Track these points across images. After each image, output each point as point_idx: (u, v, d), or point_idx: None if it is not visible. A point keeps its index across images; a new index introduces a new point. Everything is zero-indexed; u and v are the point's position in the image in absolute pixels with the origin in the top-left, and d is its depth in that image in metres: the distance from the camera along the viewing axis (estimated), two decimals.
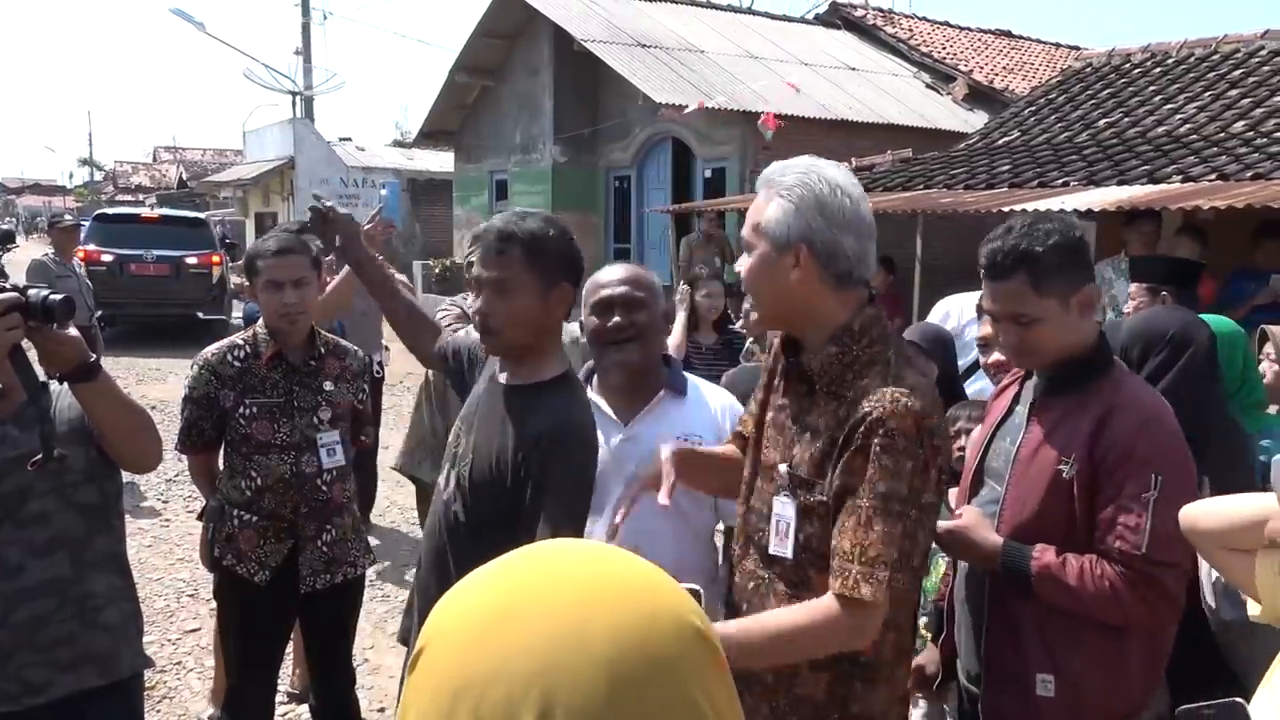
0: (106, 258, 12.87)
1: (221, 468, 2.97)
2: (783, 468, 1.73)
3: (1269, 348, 3.05)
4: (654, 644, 0.60)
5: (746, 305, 5.32)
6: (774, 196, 1.70)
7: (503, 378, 2.09)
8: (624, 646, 0.59)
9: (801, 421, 1.74)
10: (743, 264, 1.74)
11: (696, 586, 0.91)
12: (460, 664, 0.60)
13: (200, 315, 13.45)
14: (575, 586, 0.62)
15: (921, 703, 3.26)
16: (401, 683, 1.59)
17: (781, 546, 1.72)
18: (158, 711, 3.81)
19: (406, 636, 2.27)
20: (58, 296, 1.88)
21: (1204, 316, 3.04)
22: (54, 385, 2.06)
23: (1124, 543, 1.77)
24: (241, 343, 2.92)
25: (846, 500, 1.62)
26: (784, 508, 1.72)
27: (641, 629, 0.60)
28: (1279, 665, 1.32)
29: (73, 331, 1.94)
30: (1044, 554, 1.84)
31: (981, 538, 1.92)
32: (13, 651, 2.01)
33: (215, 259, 13.98)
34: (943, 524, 1.92)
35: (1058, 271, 1.86)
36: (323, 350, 2.97)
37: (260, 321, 2.95)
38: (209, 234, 14.62)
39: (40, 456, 1.91)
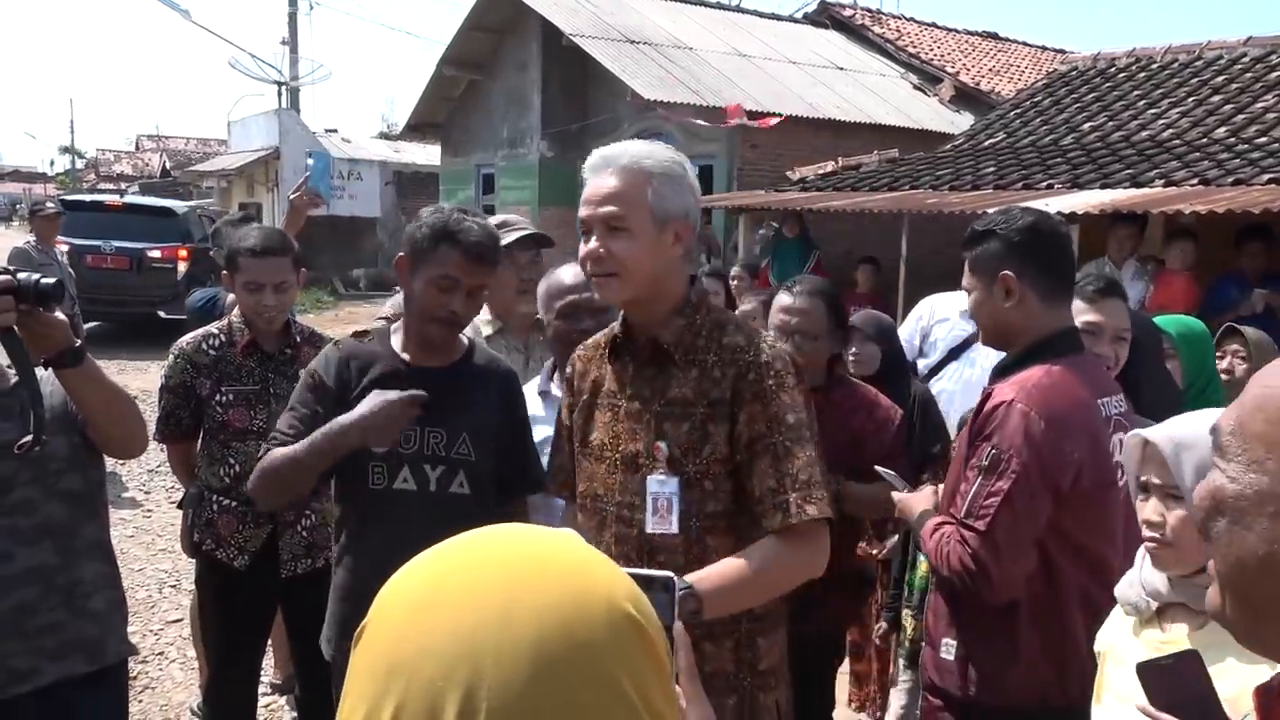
0: (62, 248, 11.18)
1: (200, 455, 2.96)
2: (663, 444, 1.73)
3: (1235, 344, 3.19)
4: (580, 627, 0.60)
5: (743, 307, 5.32)
6: (639, 176, 1.72)
7: (426, 363, 2.16)
8: (548, 628, 0.59)
9: (663, 400, 1.76)
10: (624, 248, 1.71)
11: (670, 574, 0.89)
12: (394, 644, 0.61)
13: (161, 315, 11.86)
14: (507, 568, 0.63)
15: (903, 679, 3.30)
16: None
17: (664, 523, 1.72)
18: (140, 701, 3.80)
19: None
20: (50, 280, 1.88)
21: (1177, 318, 3.12)
22: (37, 372, 2.05)
23: (954, 507, 1.97)
24: (216, 331, 2.93)
25: (757, 446, 1.68)
26: (662, 485, 1.73)
27: (568, 612, 0.60)
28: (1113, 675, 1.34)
29: (59, 315, 1.94)
30: (931, 521, 2.05)
31: (909, 509, 2.17)
32: None
33: (182, 253, 12.57)
34: (895, 495, 2.24)
35: (989, 255, 2.04)
36: (298, 338, 2.98)
37: (235, 311, 2.97)
38: (179, 225, 13.12)
39: (29, 439, 1.90)
